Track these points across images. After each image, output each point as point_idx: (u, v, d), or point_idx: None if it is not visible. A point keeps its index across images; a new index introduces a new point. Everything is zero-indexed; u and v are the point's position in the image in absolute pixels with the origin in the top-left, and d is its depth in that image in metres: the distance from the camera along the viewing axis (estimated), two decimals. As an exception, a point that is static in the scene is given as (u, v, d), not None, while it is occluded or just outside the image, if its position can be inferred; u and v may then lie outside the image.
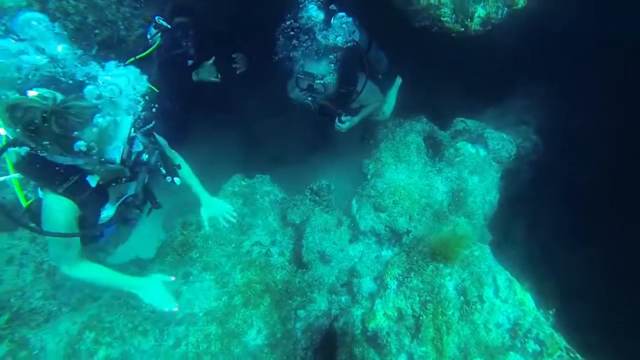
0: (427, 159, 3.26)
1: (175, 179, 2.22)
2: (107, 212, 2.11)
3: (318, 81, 2.88)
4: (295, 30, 2.78)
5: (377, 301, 1.66)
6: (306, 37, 2.78)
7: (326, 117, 3.41)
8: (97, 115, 1.67)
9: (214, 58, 3.65)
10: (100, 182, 1.97)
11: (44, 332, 2.65)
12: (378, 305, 1.64)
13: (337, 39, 2.84)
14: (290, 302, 2.80)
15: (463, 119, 3.55)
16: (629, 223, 3.74)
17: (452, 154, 3.15)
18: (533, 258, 4.75)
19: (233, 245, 3.22)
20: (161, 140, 2.32)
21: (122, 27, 3.94)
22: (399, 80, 4.11)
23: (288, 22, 2.82)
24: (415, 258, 1.66)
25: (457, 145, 3.18)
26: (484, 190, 3.09)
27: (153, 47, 3.54)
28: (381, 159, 3.23)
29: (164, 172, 2.17)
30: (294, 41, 2.83)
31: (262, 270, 2.93)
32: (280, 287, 2.86)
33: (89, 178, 1.93)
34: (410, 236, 2.94)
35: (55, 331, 2.63)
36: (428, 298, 1.53)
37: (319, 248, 3.03)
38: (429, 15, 2.37)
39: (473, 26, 2.35)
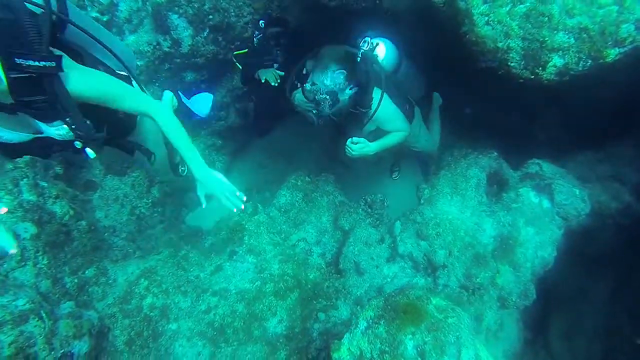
0: (484, 197, 3.14)
1: (88, 150, 1.90)
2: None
3: (321, 96, 2.57)
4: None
5: (346, 335, 1.77)
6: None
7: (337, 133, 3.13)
8: None
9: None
10: None
11: (118, 268, 3.15)
12: (345, 339, 1.75)
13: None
14: (315, 302, 3.00)
15: (539, 161, 3.32)
16: None
17: (511, 199, 3.00)
18: (617, 324, 4.32)
19: (282, 235, 3.49)
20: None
21: (232, 14, 4.34)
22: (437, 100, 3.86)
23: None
24: (389, 307, 1.71)
25: (520, 190, 3.02)
26: (537, 243, 2.92)
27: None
28: (437, 187, 3.20)
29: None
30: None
31: (298, 266, 3.15)
32: (309, 286, 3.06)
33: None
34: (446, 271, 2.93)
35: (125, 270, 3.14)
36: (387, 349, 1.59)
37: (356, 259, 3.16)
38: (496, 58, 2.27)
39: (545, 75, 2.19)
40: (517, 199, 2.99)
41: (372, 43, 2.79)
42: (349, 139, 2.83)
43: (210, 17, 4.26)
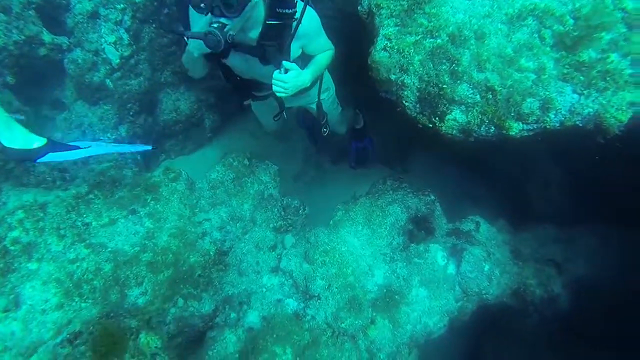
0: (397, 239, 2.82)
1: None
2: None
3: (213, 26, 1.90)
4: None
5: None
6: None
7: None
8: None
9: None
10: None
11: (14, 192, 3.06)
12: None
13: None
14: (181, 287, 2.87)
15: (480, 220, 2.92)
16: None
17: (417, 252, 2.66)
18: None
19: (196, 210, 3.36)
20: None
21: None
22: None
23: None
24: (94, 327, 1.53)
25: (430, 246, 2.67)
26: (426, 309, 2.59)
27: None
28: (351, 213, 2.91)
29: None
30: None
31: (184, 245, 3.01)
32: (185, 268, 2.93)
33: None
34: (318, 303, 2.69)
35: (20, 196, 3.03)
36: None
37: (242, 258, 2.99)
38: (391, 91, 1.90)
39: (444, 128, 1.81)
40: (422, 255, 2.65)
41: None
42: (276, 72, 2.11)
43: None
